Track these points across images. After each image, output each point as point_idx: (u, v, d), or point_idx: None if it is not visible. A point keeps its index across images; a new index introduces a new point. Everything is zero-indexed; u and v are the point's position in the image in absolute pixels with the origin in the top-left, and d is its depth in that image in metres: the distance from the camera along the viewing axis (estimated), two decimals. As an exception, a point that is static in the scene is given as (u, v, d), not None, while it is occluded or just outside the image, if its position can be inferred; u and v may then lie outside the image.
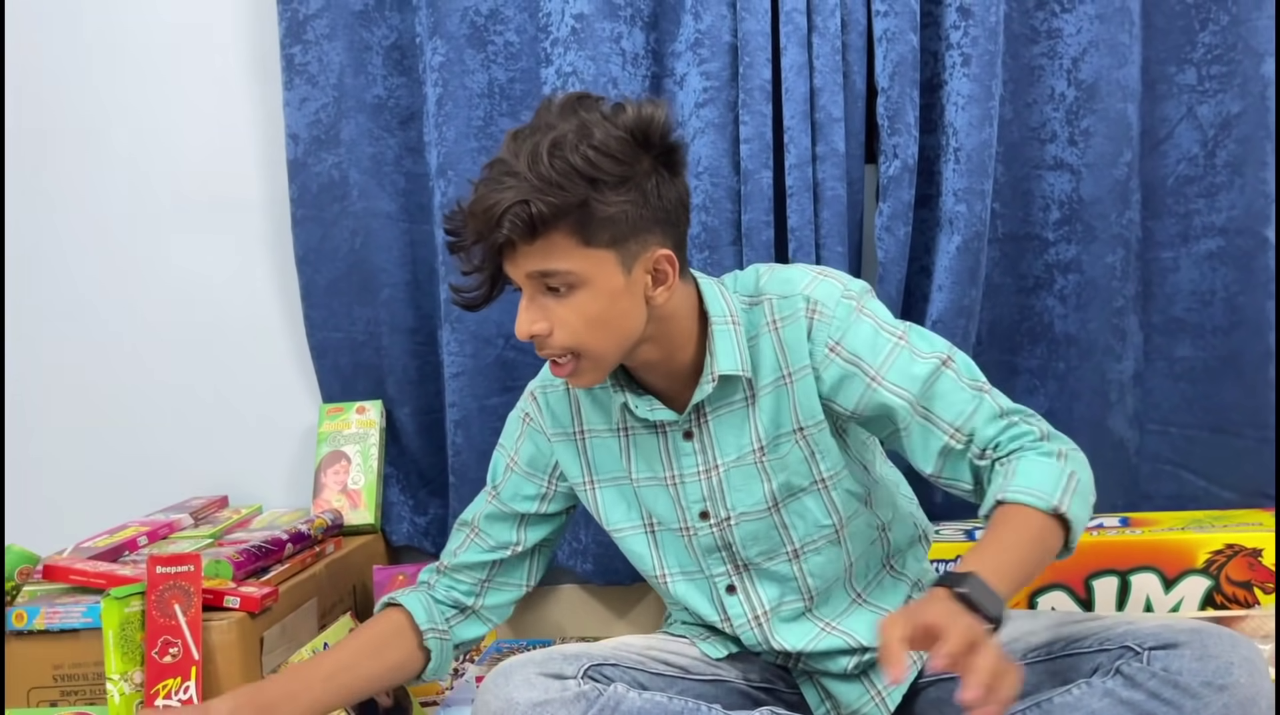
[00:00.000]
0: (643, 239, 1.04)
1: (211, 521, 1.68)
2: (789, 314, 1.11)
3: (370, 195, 1.73)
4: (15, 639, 1.27)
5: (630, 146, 1.01)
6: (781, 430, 1.12)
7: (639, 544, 1.21)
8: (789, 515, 1.15)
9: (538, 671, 1.05)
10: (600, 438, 1.20)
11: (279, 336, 1.84)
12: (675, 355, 1.12)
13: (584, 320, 1.04)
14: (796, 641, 1.17)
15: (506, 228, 0.99)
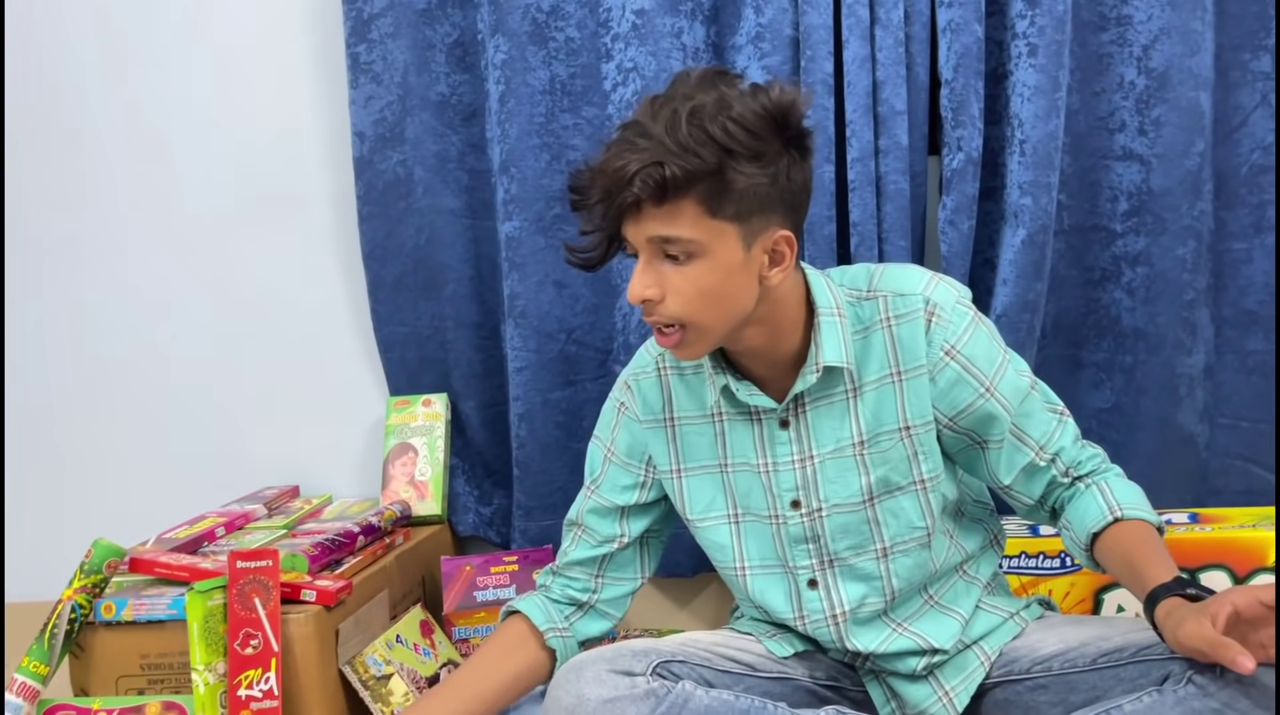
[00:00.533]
0: (766, 217, 1.04)
1: (284, 512, 1.73)
2: (905, 312, 1.11)
3: (434, 192, 1.76)
4: (104, 629, 1.33)
5: (767, 124, 1.01)
6: (885, 426, 1.13)
7: (721, 535, 1.21)
8: (882, 512, 1.15)
9: (607, 668, 1.06)
10: (692, 425, 1.20)
11: (346, 331, 1.88)
12: (779, 342, 1.12)
13: (698, 290, 1.04)
14: (869, 643, 1.18)
15: (637, 187, 0.99)
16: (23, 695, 1.26)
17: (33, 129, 1.90)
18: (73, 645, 1.32)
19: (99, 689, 1.33)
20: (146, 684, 1.33)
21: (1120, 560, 1.10)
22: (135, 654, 1.32)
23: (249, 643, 1.27)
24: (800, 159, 1.06)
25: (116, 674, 1.33)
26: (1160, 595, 1.01)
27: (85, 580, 1.31)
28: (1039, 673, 1.15)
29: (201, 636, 1.26)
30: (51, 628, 1.28)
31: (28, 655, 1.28)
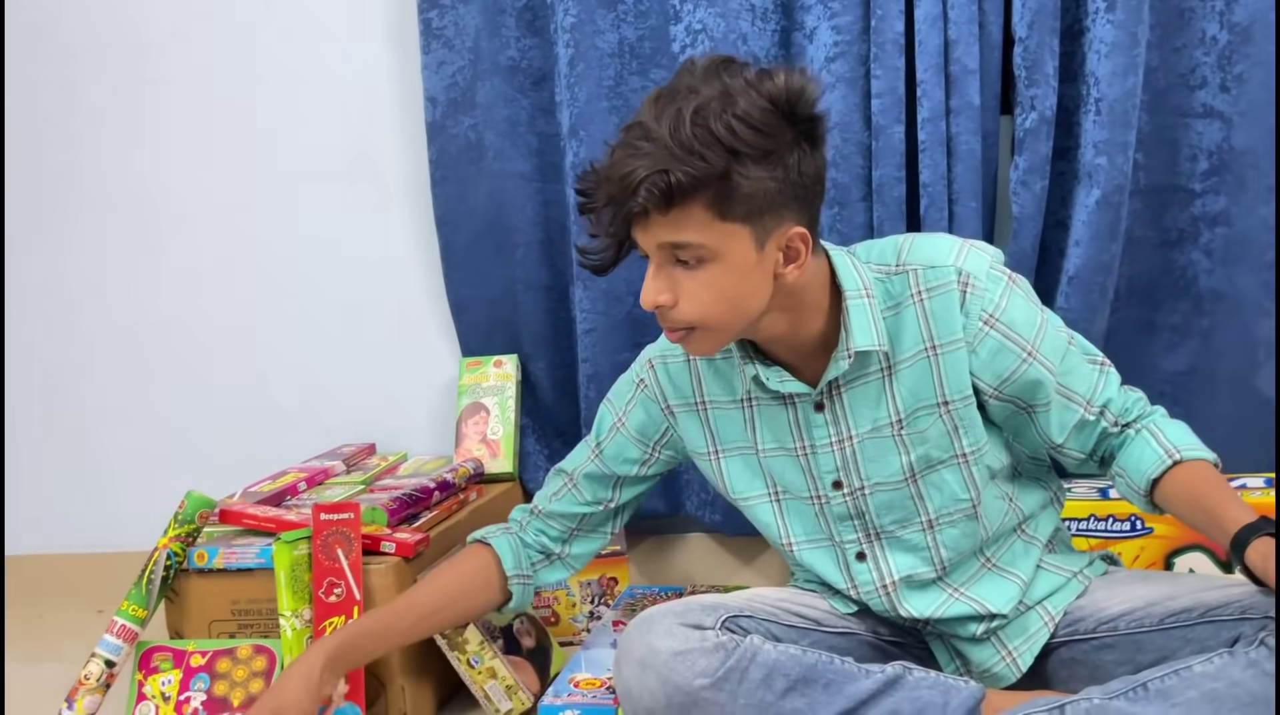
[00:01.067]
0: (778, 215, 1.02)
1: (362, 468, 1.79)
2: (938, 285, 1.08)
3: (505, 156, 1.79)
4: (197, 576, 1.40)
5: (774, 118, 0.99)
6: (922, 403, 1.11)
7: (765, 512, 1.21)
8: (926, 486, 1.14)
9: (678, 622, 1.09)
10: (722, 409, 1.19)
11: (420, 294, 1.92)
12: (802, 328, 1.10)
13: (711, 295, 1.03)
14: (924, 609, 1.18)
15: (642, 197, 0.97)
16: (122, 637, 1.34)
17: (117, 86, 1.96)
18: (168, 591, 1.39)
19: (192, 632, 1.40)
20: (237, 628, 1.39)
21: (1189, 503, 1.08)
22: (226, 600, 1.39)
23: (333, 591, 1.33)
24: (811, 150, 1.03)
25: (209, 618, 1.40)
26: (1247, 537, 0.99)
27: (179, 530, 1.38)
28: (1104, 633, 1.15)
29: (288, 584, 1.32)
30: (149, 574, 1.36)
31: (126, 599, 1.35)
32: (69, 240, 2.01)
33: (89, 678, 1.30)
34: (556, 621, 1.65)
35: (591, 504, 1.29)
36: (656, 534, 1.86)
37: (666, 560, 1.86)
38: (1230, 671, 0.99)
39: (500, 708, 1.37)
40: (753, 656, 1.07)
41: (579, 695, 1.24)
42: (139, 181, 1.98)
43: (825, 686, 1.08)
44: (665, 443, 1.26)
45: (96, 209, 2.00)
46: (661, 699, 1.06)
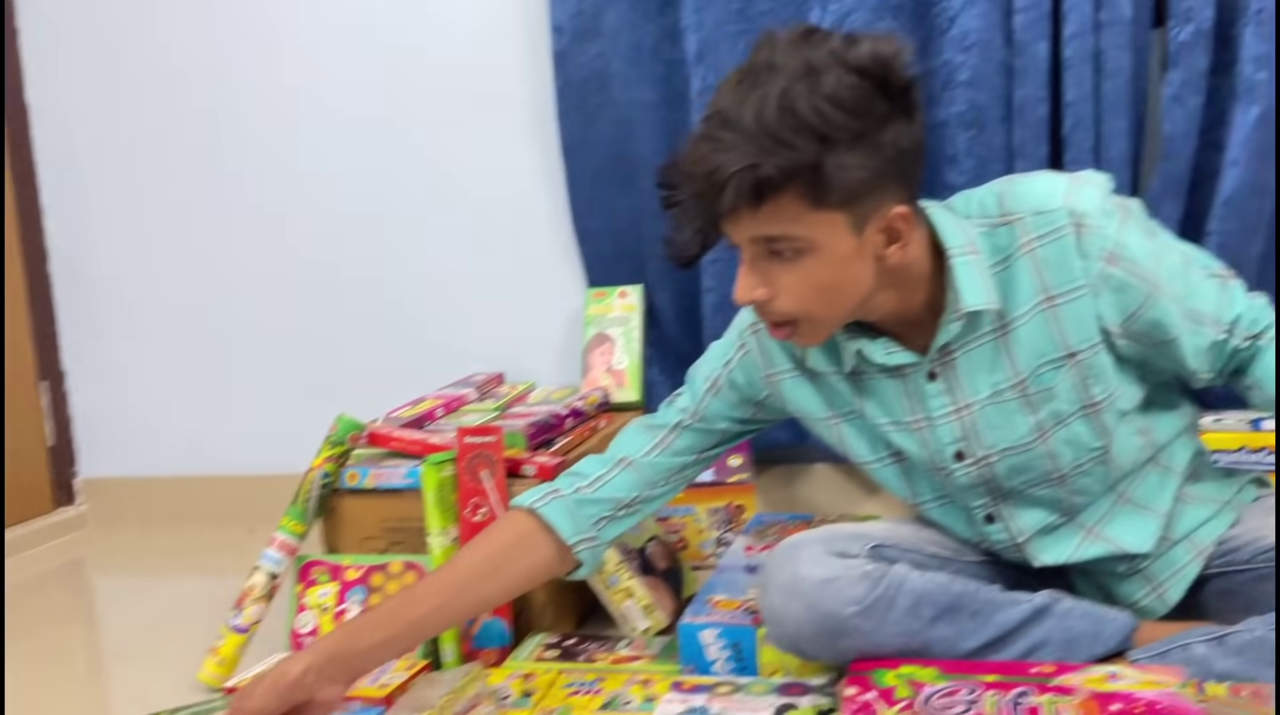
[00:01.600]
0: (877, 196, 0.95)
1: (493, 396, 1.83)
2: (1049, 232, 1.01)
3: (630, 85, 1.78)
4: (350, 495, 1.46)
5: (866, 94, 0.91)
6: (1046, 358, 1.04)
7: (889, 476, 1.17)
8: (1056, 444, 1.07)
9: (825, 550, 1.09)
10: (830, 379, 1.14)
11: (545, 224, 1.94)
12: (910, 300, 1.04)
13: (810, 287, 0.98)
14: (1060, 555, 1.14)
15: (730, 194, 0.91)
16: (283, 550, 1.41)
17: (250, 16, 2.02)
18: (324, 509, 1.46)
19: (346, 548, 1.47)
20: (386, 545, 1.46)
21: None
22: (377, 518, 1.46)
23: (477, 510, 1.37)
24: (908, 121, 0.95)
25: (361, 535, 1.46)
26: None
27: (331, 451, 1.44)
28: (1261, 563, 1.11)
29: (435, 504, 1.37)
30: (305, 493, 1.43)
31: (286, 516, 1.42)
32: (217, 164, 2.08)
33: (254, 588, 1.38)
34: (685, 546, 1.68)
35: (686, 453, 1.21)
36: (782, 463, 1.87)
37: (792, 489, 1.87)
38: None
39: (637, 626, 1.41)
40: (900, 585, 1.07)
41: (718, 615, 1.26)
42: (269, 111, 2.04)
43: (973, 615, 1.08)
44: (765, 405, 1.21)
45: (240, 130, 2.06)
46: (809, 625, 1.07)
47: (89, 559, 2.07)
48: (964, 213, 1.05)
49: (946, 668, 1.04)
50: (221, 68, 2.05)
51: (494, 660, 1.35)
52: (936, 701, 0.98)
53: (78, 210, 2.16)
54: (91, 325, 2.18)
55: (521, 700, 1.22)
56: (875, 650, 1.06)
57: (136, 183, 2.12)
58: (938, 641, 1.07)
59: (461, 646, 1.35)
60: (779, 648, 1.12)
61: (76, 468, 2.21)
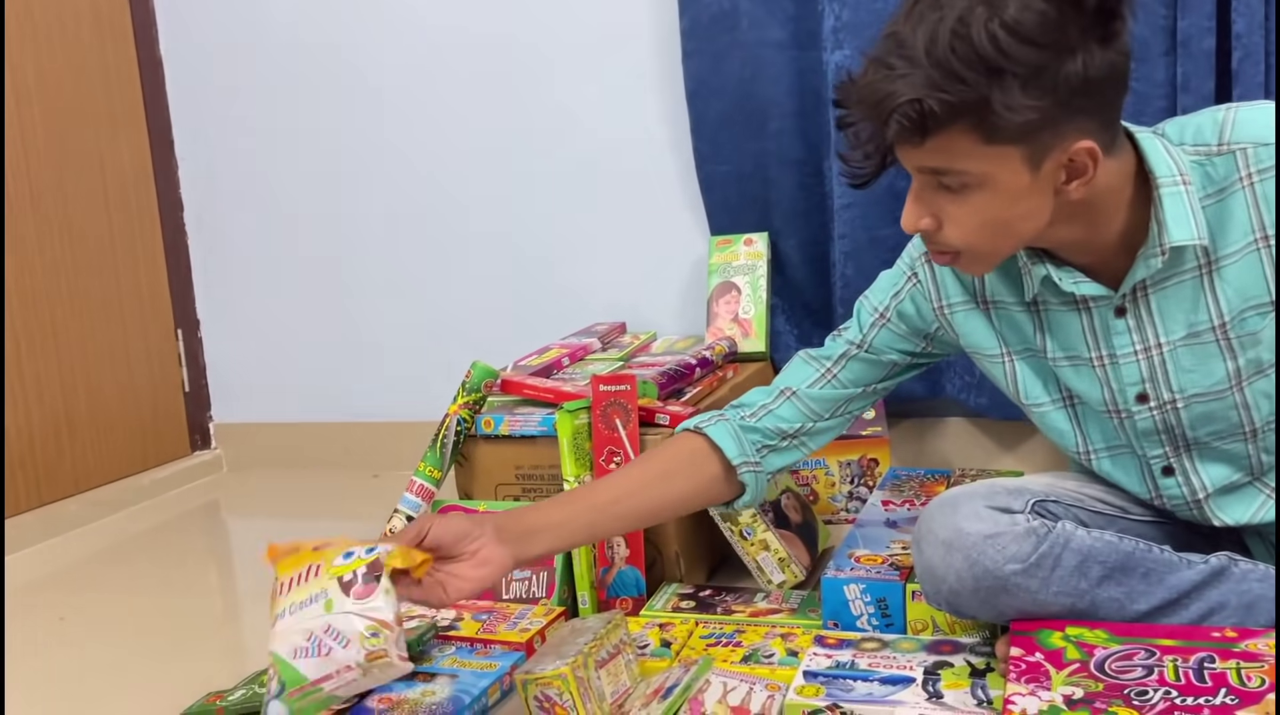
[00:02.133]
0: (1058, 131, 0.89)
1: (617, 346, 1.82)
2: (1274, 164, 0.94)
3: (760, 24, 1.72)
4: (484, 442, 1.47)
5: (1053, 19, 0.84)
6: (1254, 301, 0.97)
7: (1060, 420, 1.11)
8: (1253, 394, 1.00)
9: (985, 504, 1.04)
10: (1008, 311, 1.09)
11: (669, 170, 1.90)
12: (1102, 230, 0.97)
13: (979, 221, 0.93)
14: (1241, 515, 1.07)
15: (894, 126, 0.87)
16: (420, 495, 1.43)
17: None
18: (459, 455, 1.47)
19: (480, 494, 1.48)
20: (521, 491, 1.46)
21: None
22: (511, 465, 1.46)
23: (612, 459, 1.36)
24: (1103, 46, 0.87)
25: (495, 481, 1.47)
26: None
27: (467, 397, 1.45)
28: None
29: (570, 451, 1.36)
30: (441, 438, 1.43)
31: (423, 461, 1.44)
32: (346, 118, 2.10)
33: (394, 530, 1.40)
34: (816, 500, 1.65)
35: (853, 386, 1.19)
36: (916, 416, 1.82)
37: (927, 443, 1.82)
38: None
39: (773, 579, 1.39)
40: (1066, 542, 1.01)
41: (861, 570, 1.23)
42: (412, 42, 2.03)
43: (1144, 576, 1.02)
44: (935, 338, 1.17)
45: (367, 80, 2.07)
46: (969, 581, 1.02)
47: (224, 501, 2.14)
48: (1176, 140, 0.98)
49: (1117, 630, 0.99)
50: (350, 18, 2.05)
51: (629, 609, 1.34)
52: (1112, 665, 0.93)
53: (210, 166, 2.20)
54: (224, 276, 2.24)
55: (661, 650, 1.21)
56: (1038, 610, 1.02)
57: (267, 138, 2.15)
58: (1106, 602, 1.01)
59: (597, 594, 1.35)
60: (934, 604, 1.08)
61: (211, 413, 2.28)
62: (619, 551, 1.35)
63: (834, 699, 1.02)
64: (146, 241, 2.17)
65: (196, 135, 2.20)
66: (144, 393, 2.16)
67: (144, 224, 2.17)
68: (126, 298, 2.12)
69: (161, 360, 2.20)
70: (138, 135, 2.15)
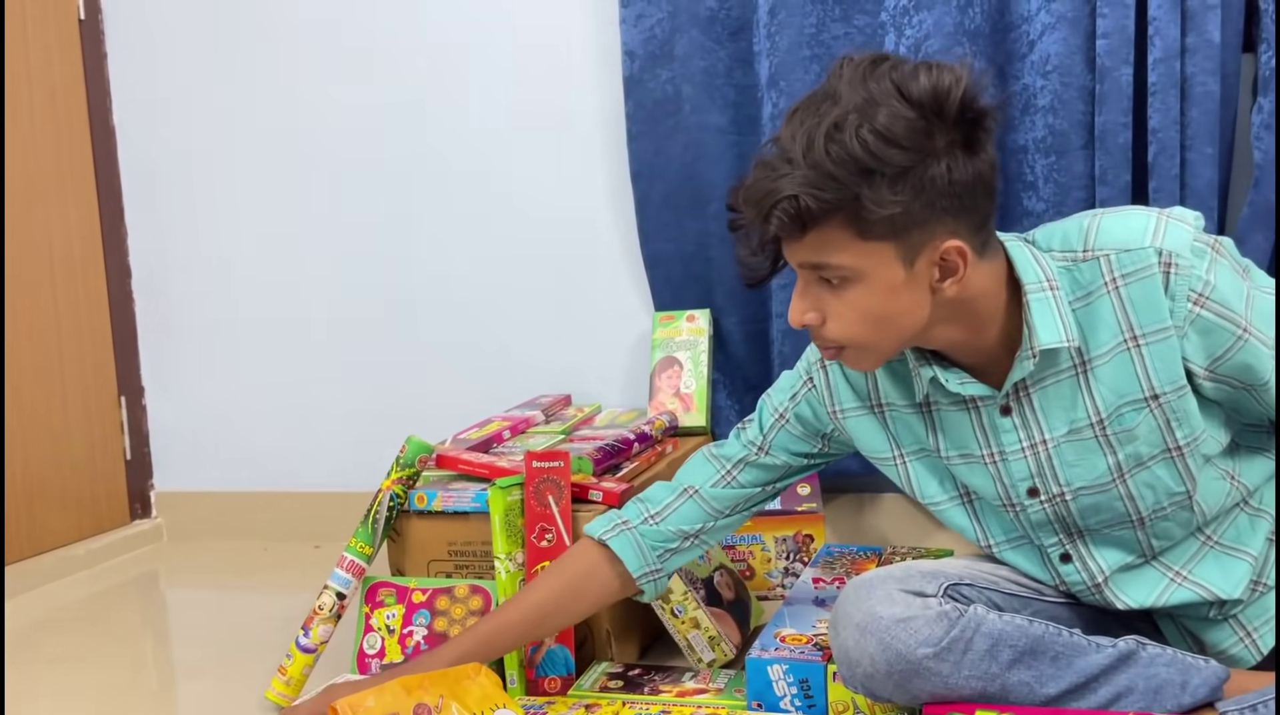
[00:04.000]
0: (928, 229, 0.95)
1: (560, 418, 1.84)
2: (1135, 270, 0.99)
3: (702, 109, 1.78)
4: (417, 517, 1.46)
5: (919, 127, 0.91)
6: (1127, 399, 1.02)
7: (959, 516, 1.16)
8: (1136, 486, 1.05)
9: (898, 588, 1.06)
10: (901, 413, 1.13)
11: (615, 247, 1.94)
12: (980, 334, 1.02)
13: (858, 315, 0.98)
14: (1144, 599, 1.10)
15: (775, 223, 0.93)
16: (350, 571, 1.42)
17: (322, 37, 2.06)
18: (391, 530, 1.47)
19: (413, 570, 1.48)
20: (453, 568, 1.46)
21: None
22: (444, 540, 1.46)
23: (544, 536, 1.37)
24: (969, 155, 0.94)
25: (428, 557, 1.47)
26: None
27: (401, 472, 1.45)
28: (1367, 613, 1.06)
29: (502, 528, 1.37)
30: (374, 513, 1.43)
31: (354, 537, 1.43)
32: (292, 188, 2.12)
33: (322, 608, 1.39)
34: (751, 576, 1.66)
35: (752, 486, 1.24)
36: (852, 492, 1.84)
37: (861, 519, 1.84)
38: None
39: (703, 658, 1.39)
40: (978, 626, 1.03)
41: (786, 650, 1.24)
42: (353, 137, 2.07)
43: (1054, 659, 1.04)
44: (832, 439, 1.21)
45: (313, 155, 2.10)
46: (882, 665, 1.03)
47: (163, 571, 2.11)
48: (1045, 246, 1.04)
49: (1021, 713, 1.00)
50: (296, 87, 2.09)
51: (558, 688, 1.34)
52: (1016, 750, 0.94)
53: (159, 230, 2.21)
54: (170, 343, 2.23)
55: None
56: (950, 693, 1.03)
57: (216, 205, 2.17)
58: (1016, 686, 1.03)
59: (525, 674, 1.35)
60: (850, 688, 1.09)
61: (153, 481, 2.26)
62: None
63: (751, 783, 1.02)
64: (92, 307, 2.17)
65: (147, 202, 2.21)
66: (83, 460, 2.13)
67: (90, 290, 2.16)
68: (69, 363, 2.11)
69: (103, 427, 2.18)
70: (87, 201, 2.16)
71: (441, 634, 1.39)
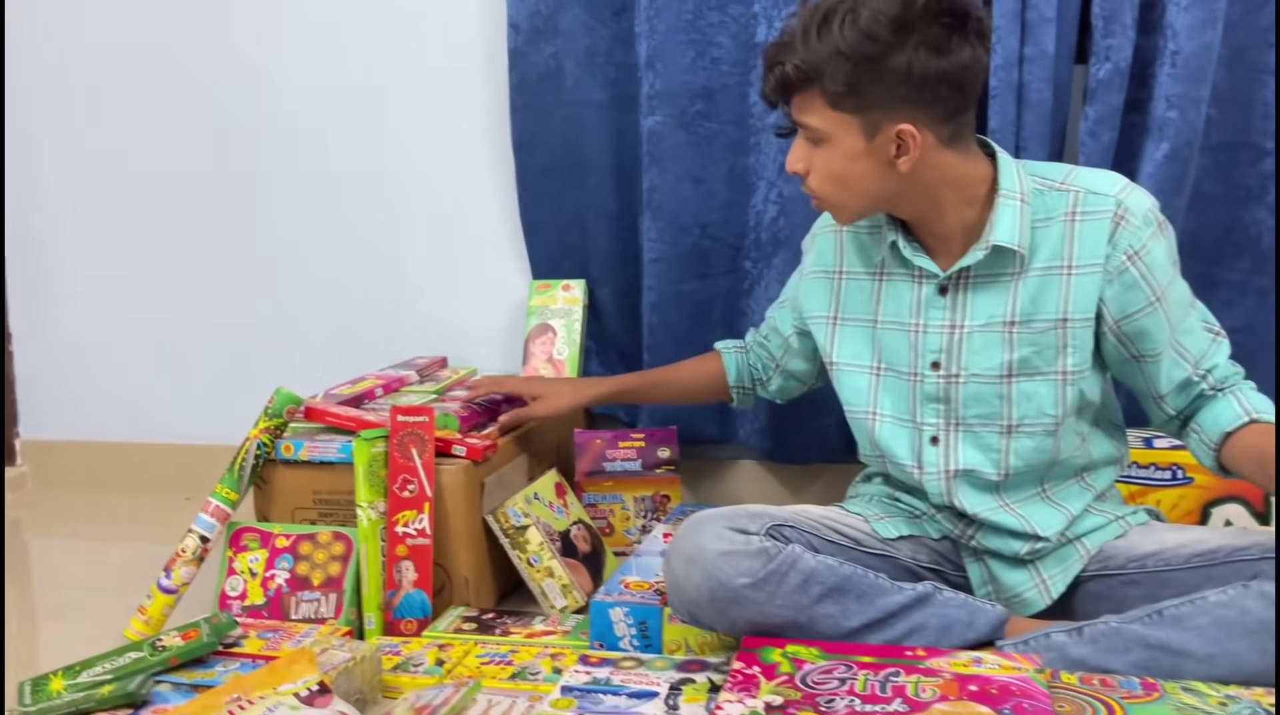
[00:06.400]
0: (889, 111, 1.12)
1: (434, 379, 1.89)
2: (1094, 211, 1.16)
3: (583, 86, 1.84)
4: (284, 466, 1.51)
5: (891, 24, 1.09)
6: (1042, 314, 1.18)
7: (861, 381, 1.30)
8: (1017, 391, 1.21)
9: (725, 525, 1.17)
10: (857, 280, 1.31)
11: (496, 215, 2.00)
12: (940, 216, 1.20)
13: (826, 171, 1.18)
14: (974, 506, 1.25)
15: (769, 84, 1.17)
16: (215, 516, 1.46)
17: (210, 5, 2.06)
18: (257, 478, 1.51)
19: (278, 517, 1.52)
20: (317, 516, 1.51)
21: (1252, 455, 1.15)
22: (309, 489, 1.50)
23: (406, 487, 1.43)
24: (933, 53, 1.10)
25: (293, 505, 1.51)
26: None
27: (269, 422, 1.49)
28: (1134, 569, 1.21)
29: (366, 478, 1.42)
30: (241, 461, 1.47)
31: (220, 483, 1.47)
32: (174, 139, 2.12)
33: (185, 551, 1.43)
34: (611, 532, 1.75)
35: (775, 353, 1.49)
36: (709, 457, 1.94)
37: (717, 482, 1.94)
38: (1242, 601, 1.05)
39: (555, 604, 1.47)
40: (793, 563, 1.15)
41: (628, 595, 1.33)
42: (231, 99, 2.08)
43: (858, 597, 1.15)
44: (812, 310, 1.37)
45: (196, 111, 2.10)
46: (705, 593, 1.14)
47: (26, 520, 2.10)
48: (1030, 171, 1.22)
49: (829, 648, 1.12)
50: (174, 45, 2.08)
51: (414, 630, 1.40)
52: (813, 678, 1.05)
53: (32, 173, 2.17)
54: (40, 287, 2.20)
55: (434, 668, 1.28)
56: (765, 620, 1.14)
57: (93, 149, 2.15)
58: (823, 619, 1.15)
59: (384, 616, 1.41)
60: (677, 614, 1.20)
61: (19, 429, 2.24)
62: (406, 575, 1.42)
63: (583, 710, 1.10)
64: (-40, 251, 2.13)
65: (19, 147, 2.17)
66: (-54, 406, 2.10)
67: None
68: (-66, 308, 2.07)
69: (-32, 373, 2.15)
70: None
71: (304, 577, 1.45)
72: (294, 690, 1.09)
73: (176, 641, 1.22)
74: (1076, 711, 0.99)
